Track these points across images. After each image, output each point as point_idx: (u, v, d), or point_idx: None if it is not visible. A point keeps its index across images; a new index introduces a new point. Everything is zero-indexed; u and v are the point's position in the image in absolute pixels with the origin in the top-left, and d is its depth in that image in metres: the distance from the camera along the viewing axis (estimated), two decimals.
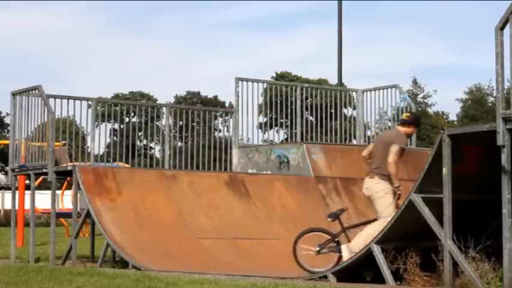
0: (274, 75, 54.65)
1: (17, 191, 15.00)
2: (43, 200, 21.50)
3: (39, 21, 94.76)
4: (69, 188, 21.33)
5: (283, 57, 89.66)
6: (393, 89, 15.60)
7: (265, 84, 15.60)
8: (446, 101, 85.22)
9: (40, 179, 16.65)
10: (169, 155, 13.90)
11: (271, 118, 18.16)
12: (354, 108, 16.63)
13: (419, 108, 49.98)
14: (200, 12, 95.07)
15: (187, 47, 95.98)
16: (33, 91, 12.89)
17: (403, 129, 9.43)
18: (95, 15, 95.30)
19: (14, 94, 13.28)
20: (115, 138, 16.40)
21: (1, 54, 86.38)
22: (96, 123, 13.61)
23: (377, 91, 15.82)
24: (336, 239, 9.43)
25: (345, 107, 18.42)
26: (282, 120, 16.85)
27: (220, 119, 17.47)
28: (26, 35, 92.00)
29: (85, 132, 15.09)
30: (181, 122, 14.58)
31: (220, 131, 20.74)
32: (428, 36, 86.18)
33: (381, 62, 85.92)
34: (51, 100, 12.81)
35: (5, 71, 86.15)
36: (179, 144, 14.03)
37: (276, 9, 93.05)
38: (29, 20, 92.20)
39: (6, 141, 18.62)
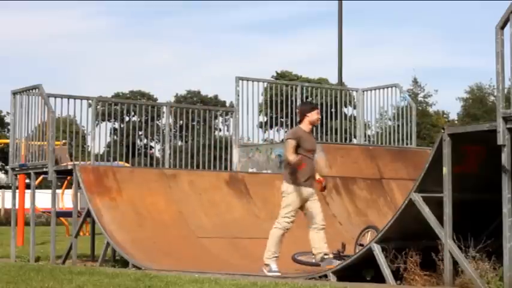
0: (275, 74, 54.67)
1: (17, 190, 15.01)
2: (43, 199, 21.56)
3: (41, 22, 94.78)
4: (69, 187, 21.34)
5: (284, 59, 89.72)
6: (393, 88, 15.59)
7: (265, 84, 15.60)
8: (447, 101, 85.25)
9: (40, 178, 16.65)
10: (170, 154, 13.89)
11: (271, 117, 18.15)
12: (354, 108, 16.63)
13: (420, 108, 49.98)
14: (201, 14, 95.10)
15: (188, 47, 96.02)
16: (34, 90, 12.89)
17: (301, 124, 9.60)
18: (96, 17, 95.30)
19: (14, 93, 13.28)
20: (115, 137, 16.40)
21: (1, 54, 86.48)
22: (97, 122, 13.61)
23: (377, 90, 15.82)
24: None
25: (345, 107, 18.44)
26: (282, 120, 16.85)
27: (220, 118, 17.47)
28: (27, 35, 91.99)
29: (85, 131, 15.08)
30: (181, 121, 14.57)
31: (220, 130, 20.75)
32: (428, 37, 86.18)
33: (382, 65, 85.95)
34: (52, 99, 12.81)
35: (5, 70, 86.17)
36: (179, 143, 14.02)
37: (276, 11, 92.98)
38: (31, 21, 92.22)
39: (7, 141, 18.64)
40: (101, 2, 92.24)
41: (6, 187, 37.79)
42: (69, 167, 12.34)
